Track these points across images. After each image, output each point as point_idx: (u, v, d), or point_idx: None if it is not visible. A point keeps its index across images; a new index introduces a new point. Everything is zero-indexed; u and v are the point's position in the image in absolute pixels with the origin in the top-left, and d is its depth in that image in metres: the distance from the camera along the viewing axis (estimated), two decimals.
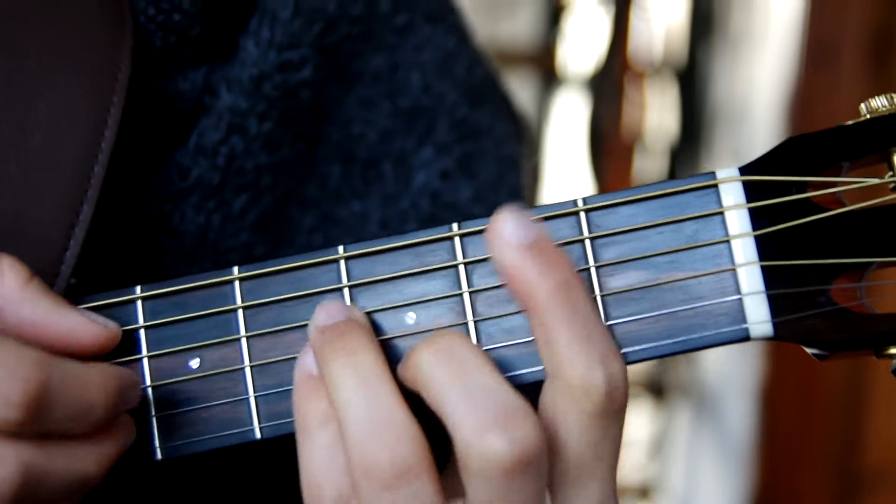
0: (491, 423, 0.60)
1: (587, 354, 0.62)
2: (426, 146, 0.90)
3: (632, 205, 0.67)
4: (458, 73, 0.93)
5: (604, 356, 0.62)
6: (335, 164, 0.88)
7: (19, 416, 0.59)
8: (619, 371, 0.62)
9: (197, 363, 0.68)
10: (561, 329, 0.62)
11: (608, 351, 0.62)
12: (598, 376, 0.62)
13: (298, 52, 0.83)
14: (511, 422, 0.60)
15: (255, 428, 0.67)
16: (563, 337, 0.62)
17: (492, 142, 0.94)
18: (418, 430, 0.61)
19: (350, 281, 0.68)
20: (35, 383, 0.59)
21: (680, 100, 3.45)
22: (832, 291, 0.64)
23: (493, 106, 0.95)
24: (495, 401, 0.60)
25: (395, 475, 0.61)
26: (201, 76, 0.81)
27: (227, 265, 0.81)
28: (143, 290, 0.69)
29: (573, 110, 3.57)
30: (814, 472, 2.62)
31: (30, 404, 0.59)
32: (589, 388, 0.62)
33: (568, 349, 0.62)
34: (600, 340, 0.62)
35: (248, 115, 0.82)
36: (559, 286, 0.62)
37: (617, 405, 0.62)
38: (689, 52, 3.43)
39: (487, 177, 0.92)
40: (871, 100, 0.65)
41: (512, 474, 0.60)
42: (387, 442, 0.61)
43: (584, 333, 0.62)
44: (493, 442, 0.59)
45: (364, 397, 0.62)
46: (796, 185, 0.65)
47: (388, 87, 0.89)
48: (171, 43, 0.79)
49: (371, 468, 0.61)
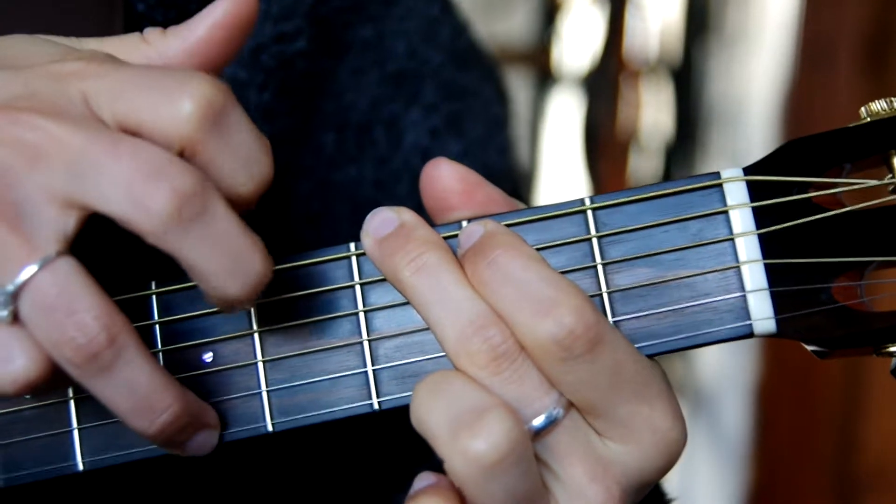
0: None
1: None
2: (414, 108, 0.92)
3: (638, 204, 0.68)
4: (442, 39, 0.95)
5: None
6: (329, 132, 0.89)
7: (197, 118, 0.59)
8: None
9: (210, 357, 0.69)
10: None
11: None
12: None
13: (293, 24, 0.85)
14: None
15: (267, 423, 0.68)
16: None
17: (479, 103, 0.96)
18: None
19: (362, 278, 0.69)
20: (217, 95, 0.60)
21: (675, 99, 3.44)
22: (833, 290, 0.66)
23: (480, 70, 0.98)
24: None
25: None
26: None
27: None
28: (157, 285, 0.70)
29: (568, 109, 3.56)
30: (811, 472, 2.62)
31: (208, 109, 0.60)
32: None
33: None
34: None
35: (248, 86, 0.84)
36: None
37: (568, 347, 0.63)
38: (684, 50, 3.43)
39: (475, 134, 0.94)
40: (871, 103, 0.67)
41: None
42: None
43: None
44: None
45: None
46: (798, 185, 0.67)
47: (376, 55, 0.91)
48: (170, 18, 0.80)
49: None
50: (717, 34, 3.36)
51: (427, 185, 0.69)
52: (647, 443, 0.65)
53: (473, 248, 0.65)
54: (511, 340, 0.63)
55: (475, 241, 0.65)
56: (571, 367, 0.62)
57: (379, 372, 0.68)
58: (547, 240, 0.68)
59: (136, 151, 0.58)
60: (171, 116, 0.59)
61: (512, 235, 0.65)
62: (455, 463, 0.61)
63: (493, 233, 0.65)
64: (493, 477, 0.61)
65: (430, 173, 0.69)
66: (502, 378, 0.63)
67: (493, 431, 0.60)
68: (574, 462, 0.64)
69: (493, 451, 0.60)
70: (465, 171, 0.69)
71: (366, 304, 0.69)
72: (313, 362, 0.69)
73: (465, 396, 0.62)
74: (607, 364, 0.63)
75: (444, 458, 0.61)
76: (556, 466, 0.64)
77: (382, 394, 0.68)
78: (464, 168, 0.69)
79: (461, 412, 0.61)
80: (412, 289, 0.65)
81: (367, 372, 0.68)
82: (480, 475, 0.61)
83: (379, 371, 0.68)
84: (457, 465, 0.61)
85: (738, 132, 3.17)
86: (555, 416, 0.63)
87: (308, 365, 0.69)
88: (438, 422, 0.62)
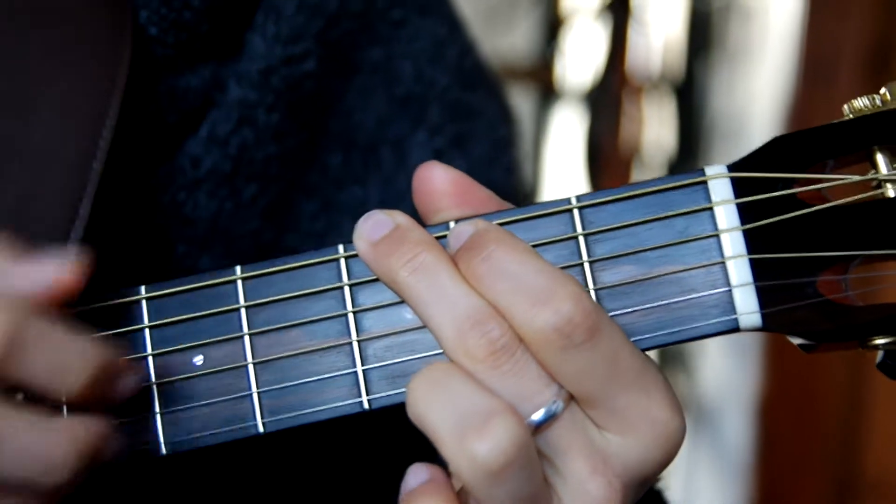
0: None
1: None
2: (420, 129, 0.93)
3: (623, 202, 0.69)
4: (449, 59, 0.96)
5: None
6: (336, 152, 0.90)
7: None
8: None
9: (201, 360, 0.70)
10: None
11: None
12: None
13: (302, 46, 0.86)
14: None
15: (257, 423, 0.69)
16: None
17: (484, 123, 0.97)
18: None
19: (350, 279, 0.69)
20: (10, 322, 0.60)
21: (678, 114, 3.45)
22: (818, 284, 0.66)
23: (485, 90, 0.99)
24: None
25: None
26: (210, 71, 0.84)
27: (237, 251, 0.83)
28: (147, 290, 0.70)
29: (571, 124, 3.57)
30: (812, 486, 2.62)
31: (2, 341, 0.60)
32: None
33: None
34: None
35: (258, 107, 0.85)
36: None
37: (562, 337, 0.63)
38: (686, 66, 3.44)
39: (481, 154, 0.95)
40: (853, 100, 0.67)
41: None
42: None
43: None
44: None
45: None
46: (782, 181, 0.67)
47: (384, 76, 0.92)
48: (182, 40, 0.81)
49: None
50: (719, 50, 3.37)
51: (419, 187, 0.70)
52: (646, 434, 0.65)
53: (466, 245, 0.65)
54: (509, 334, 0.63)
55: (467, 239, 0.65)
56: (571, 356, 0.62)
57: (369, 372, 0.69)
58: (534, 238, 0.68)
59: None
60: None
61: (503, 231, 0.66)
62: (462, 466, 0.61)
63: (485, 229, 0.65)
64: (500, 481, 0.61)
65: (423, 175, 0.70)
66: (501, 372, 0.63)
67: (499, 436, 0.60)
68: (575, 456, 0.64)
69: (500, 456, 0.60)
70: (456, 174, 0.70)
71: (355, 304, 0.69)
72: (303, 363, 0.69)
73: (467, 395, 0.62)
74: (606, 352, 0.63)
75: (450, 459, 0.61)
76: (557, 461, 0.64)
77: (372, 393, 0.69)
78: (456, 172, 0.70)
79: (466, 413, 0.61)
80: (409, 289, 0.65)
81: (356, 372, 0.69)
82: (487, 479, 0.61)
83: (369, 371, 0.69)
84: (463, 469, 0.61)
85: (740, 147, 3.16)
86: (554, 411, 0.63)
87: (298, 366, 0.69)
88: (442, 421, 0.62)
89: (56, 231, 0.71)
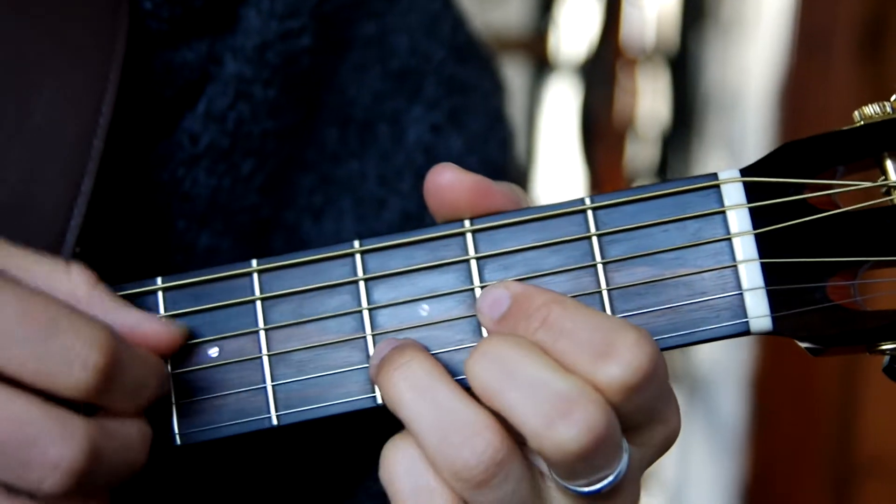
0: (555, 416, 0.61)
1: (591, 358, 0.63)
2: (416, 104, 0.93)
3: (637, 204, 0.69)
4: (443, 34, 0.96)
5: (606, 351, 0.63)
6: (333, 128, 0.91)
7: (94, 381, 0.61)
8: (630, 360, 0.63)
9: (216, 352, 0.70)
10: (567, 347, 0.64)
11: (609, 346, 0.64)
12: (614, 369, 0.63)
13: (298, 21, 0.87)
14: (574, 408, 0.62)
15: (271, 416, 0.69)
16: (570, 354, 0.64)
17: (479, 96, 0.97)
18: (489, 417, 0.63)
19: (366, 274, 0.70)
20: (110, 350, 0.61)
21: (672, 87, 3.45)
22: (827, 289, 0.67)
23: (479, 63, 0.99)
24: (554, 391, 0.62)
25: (483, 470, 0.63)
26: (206, 46, 0.84)
27: (236, 226, 0.84)
28: (163, 281, 0.70)
29: (565, 97, 3.57)
30: (807, 461, 2.62)
31: (105, 369, 0.61)
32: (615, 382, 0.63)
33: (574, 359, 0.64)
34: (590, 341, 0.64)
35: (254, 83, 0.85)
36: (543, 328, 0.64)
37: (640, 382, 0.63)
38: (681, 38, 3.43)
39: (477, 128, 0.95)
40: (864, 107, 0.68)
41: (587, 454, 0.62)
42: (464, 441, 0.63)
43: (587, 341, 0.64)
44: (562, 432, 0.61)
45: (426, 406, 0.64)
46: (794, 186, 0.68)
47: (379, 51, 0.93)
48: (176, 14, 0.81)
49: (460, 471, 0.63)
50: (713, 22, 3.36)
51: (433, 189, 0.70)
52: (659, 441, 0.66)
53: (513, 313, 0.65)
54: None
55: (509, 307, 0.66)
56: (641, 396, 0.63)
57: None
58: (547, 238, 0.69)
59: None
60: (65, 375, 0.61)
61: (540, 290, 0.66)
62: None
63: (528, 294, 0.66)
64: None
65: (436, 181, 0.69)
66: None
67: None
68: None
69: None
70: (473, 179, 0.70)
71: (370, 300, 0.70)
72: (318, 357, 0.70)
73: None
74: (663, 382, 0.64)
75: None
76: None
77: None
78: (468, 176, 0.69)
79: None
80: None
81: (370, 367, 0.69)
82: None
83: None
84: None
85: (735, 120, 3.17)
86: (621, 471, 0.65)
87: (313, 360, 0.70)
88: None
89: (59, 209, 0.71)
